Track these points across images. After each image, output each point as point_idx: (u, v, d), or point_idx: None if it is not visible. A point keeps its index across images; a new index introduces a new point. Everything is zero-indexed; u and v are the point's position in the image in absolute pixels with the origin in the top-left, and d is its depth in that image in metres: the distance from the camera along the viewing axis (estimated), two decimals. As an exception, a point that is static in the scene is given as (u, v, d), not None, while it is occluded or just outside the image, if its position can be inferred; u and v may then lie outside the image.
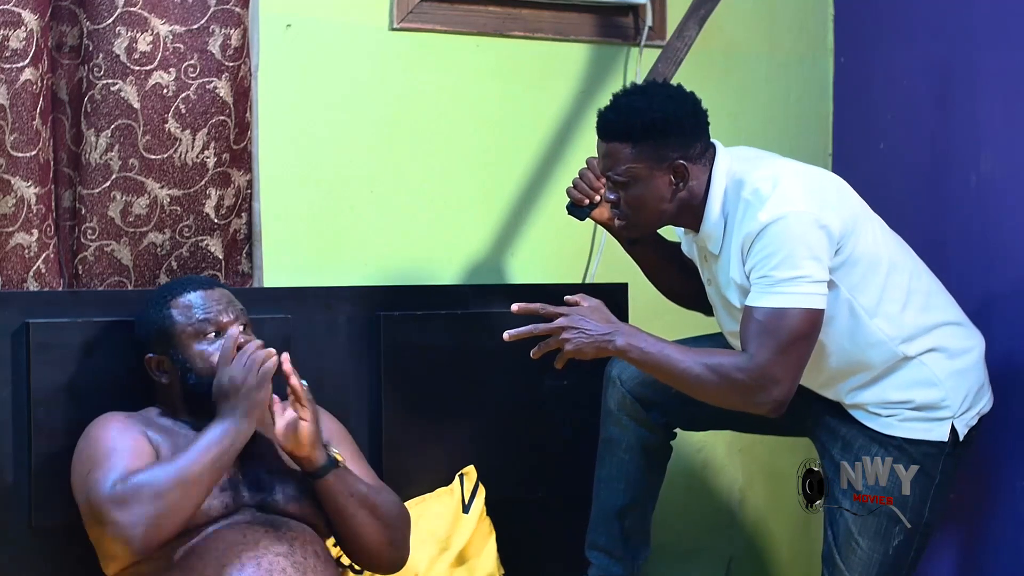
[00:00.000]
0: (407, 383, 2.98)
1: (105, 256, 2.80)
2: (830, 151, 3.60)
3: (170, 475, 2.33)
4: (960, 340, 2.69)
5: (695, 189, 2.60)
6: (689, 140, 2.59)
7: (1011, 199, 3.02)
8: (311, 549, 2.46)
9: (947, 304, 2.74)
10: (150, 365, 2.58)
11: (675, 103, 2.62)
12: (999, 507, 3.03)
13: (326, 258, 3.07)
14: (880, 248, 2.62)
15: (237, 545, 2.39)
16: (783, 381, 2.49)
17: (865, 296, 2.59)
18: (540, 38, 3.26)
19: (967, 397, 2.65)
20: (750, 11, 3.49)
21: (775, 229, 2.48)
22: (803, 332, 2.48)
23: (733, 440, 3.46)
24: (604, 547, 2.87)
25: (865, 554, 2.66)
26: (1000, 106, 3.05)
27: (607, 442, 2.86)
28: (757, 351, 2.48)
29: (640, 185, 2.58)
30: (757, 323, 2.49)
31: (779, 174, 2.56)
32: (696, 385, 2.53)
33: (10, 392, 2.64)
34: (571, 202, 2.81)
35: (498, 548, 2.97)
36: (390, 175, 3.13)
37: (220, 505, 2.44)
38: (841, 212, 2.55)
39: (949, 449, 2.64)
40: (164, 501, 2.30)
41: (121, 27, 2.74)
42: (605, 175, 2.63)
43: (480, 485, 2.97)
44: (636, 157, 2.56)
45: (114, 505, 2.30)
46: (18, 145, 2.65)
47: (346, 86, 3.09)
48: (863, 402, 2.65)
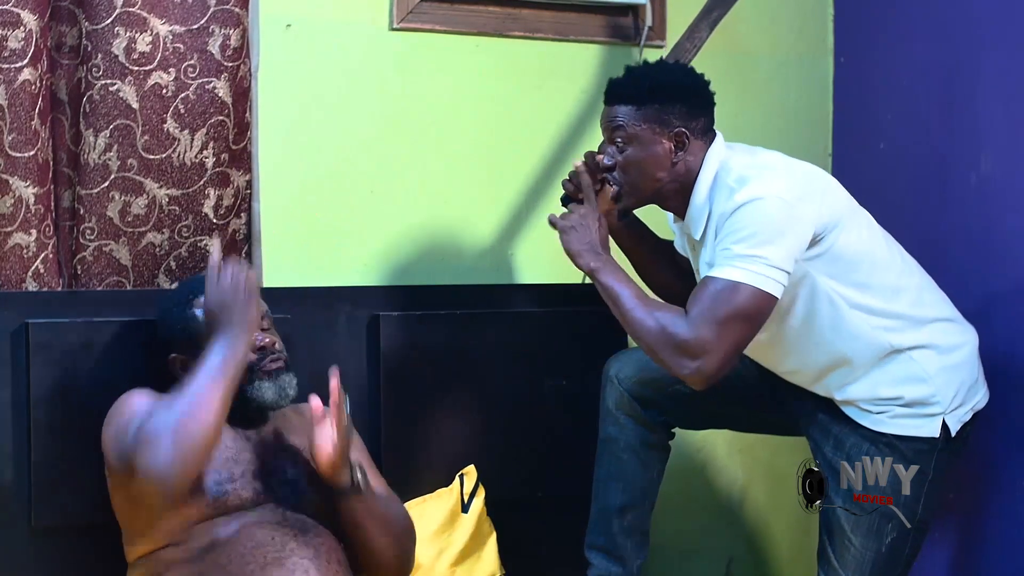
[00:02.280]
0: (407, 383, 2.98)
1: (104, 256, 2.80)
2: (830, 151, 3.60)
3: (178, 405, 2.31)
4: (951, 336, 2.69)
5: (691, 164, 2.61)
6: (693, 112, 2.61)
7: (1011, 199, 3.02)
8: (335, 557, 2.46)
9: (938, 301, 2.73)
10: (175, 365, 2.56)
11: (685, 74, 2.67)
12: (999, 507, 3.03)
13: (326, 258, 3.07)
14: (867, 245, 2.62)
15: (264, 546, 2.40)
16: (713, 353, 2.45)
17: (846, 288, 2.59)
18: (540, 38, 3.27)
19: (958, 393, 2.65)
20: (750, 11, 3.48)
21: (747, 208, 2.48)
22: (748, 311, 2.45)
23: (733, 440, 3.46)
24: (603, 547, 2.87)
25: (859, 552, 2.66)
26: (1000, 106, 3.05)
27: (605, 442, 2.86)
28: (697, 316, 2.46)
29: (640, 147, 2.59)
30: (706, 291, 2.48)
31: (766, 164, 2.58)
32: (636, 328, 2.54)
33: (10, 392, 2.64)
34: (565, 194, 2.81)
35: (498, 548, 2.97)
36: (390, 175, 3.13)
37: (252, 494, 2.45)
38: (822, 206, 2.54)
39: (941, 445, 2.63)
40: (179, 434, 2.27)
41: (120, 27, 2.74)
42: (606, 138, 2.64)
43: (480, 485, 2.97)
44: (639, 118, 2.58)
45: (139, 449, 2.29)
46: (16, 145, 2.65)
47: (346, 86, 3.09)
48: (854, 398, 2.65)
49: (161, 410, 2.34)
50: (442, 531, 2.88)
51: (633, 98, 2.59)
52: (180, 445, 2.26)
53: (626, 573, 2.87)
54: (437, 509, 2.91)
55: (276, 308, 2.87)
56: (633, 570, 2.88)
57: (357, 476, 2.48)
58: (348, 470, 2.48)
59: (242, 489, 2.45)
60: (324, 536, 2.47)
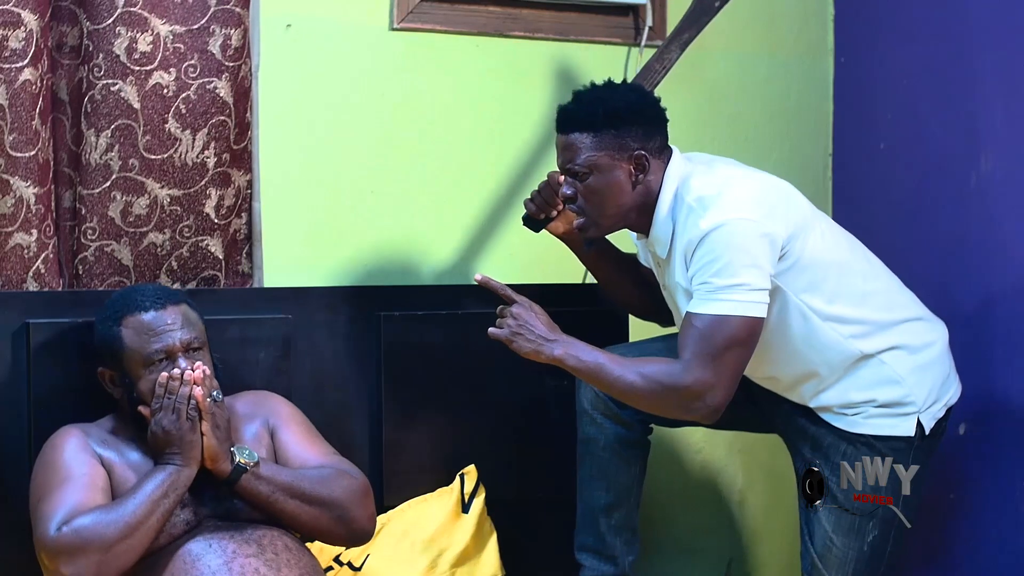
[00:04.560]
0: (407, 383, 2.98)
1: (105, 256, 2.80)
2: (830, 151, 3.60)
3: (116, 524, 2.32)
4: (921, 335, 2.69)
5: (652, 185, 2.61)
6: (649, 132, 2.60)
7: (1011, 199, 3.03)
8: (280, 544, 2.45)
9: (906, 301, 2.74)
10: (103, 378, 2.56)
11: (637, 95, 2.65)
12: (999, 507, 3.03)
13: (326, 258, 3.07)
14: (830, 252, 2.63)
15: (205, 555, 2.39)
16: (717, 388, 2.50)
17: (815, 299, 2.60)
18: (540, 38, 3.27)
19: (932, 391, 2.66)
20: (750, 11, 3.49)
21: (716, 236, 2.49)
22: (740, 339, 2.49)
23: (733, 440, 3.46)
24: (592, 548, 2.88)
25: (841, 552, 2.67)
26: (1000, 106, 3.05)
27: (584, 442, 2.87)
28: (692, 358, 2.49)
29: (600, 176, 2.58)
30: (695, 330, 2.50)
31: (725, 181, 2.58)
32: (632, 394, 2.56)
33: (10, 392, 2.63)
34: (527, 214, 2.81)
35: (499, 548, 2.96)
36: (390, 175, 3.13)
37: (182, 523, 2.44)
38: (786, 219, 2.56)
39: (917, 442, 2.65)
40: (109, 552, 2.31)
41: (121, 27, 2.73)
42: (564, 169, 2.62)
43: (481, 485, 2.97)
44: (597, 146, 2.57)
45: (58, 554, 2.31)
46: (17, 145, 2.65)
47: (346, 86, 3.09)
48: (827, 404, 2.67)
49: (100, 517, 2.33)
50: (443, 531, 2.88)
51: (589, 125, 2.57)
52: (107, 565, 2.31)
53: (618, 572, 2.88)
54: (438, 509, 2.91)
55: (276, 308, 2.88)
56: (625, 567, 2.88)
57: (238, 459, 2.45)
58: (227, 457, 2.44)
59: (172, 528, 2.43)
60: (262, 528, 2.46)
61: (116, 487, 2.44)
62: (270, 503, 2.47)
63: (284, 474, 2.51)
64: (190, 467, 2.41)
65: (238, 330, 2.80)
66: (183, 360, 2.47)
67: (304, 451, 2.60)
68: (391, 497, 2.93)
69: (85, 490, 2.40)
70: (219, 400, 2.46)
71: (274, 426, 2.63)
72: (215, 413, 2.44)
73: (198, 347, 2.52)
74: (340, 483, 2.53)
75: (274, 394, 2.72)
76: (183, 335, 2.50)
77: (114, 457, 2.48)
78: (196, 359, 2.49)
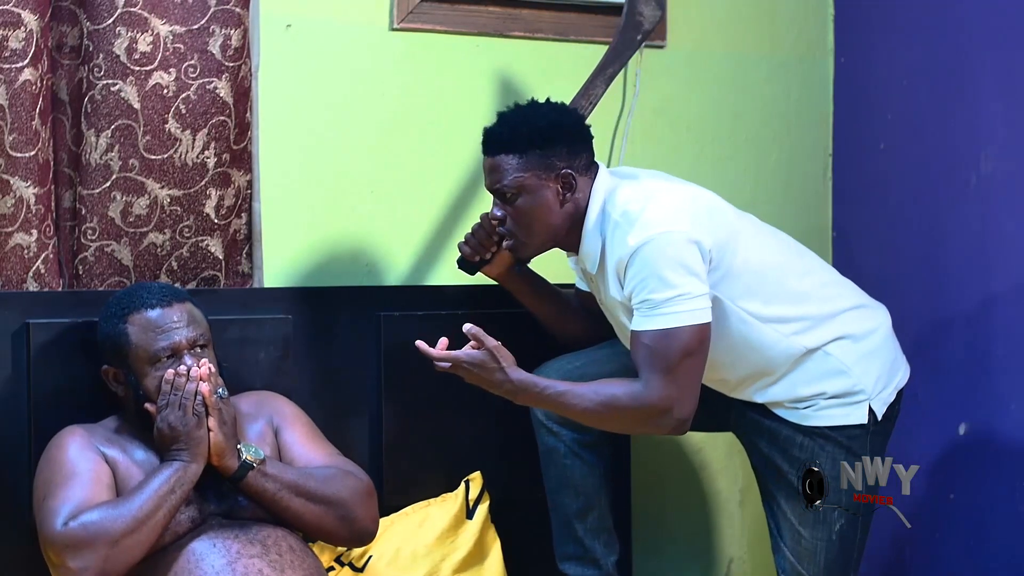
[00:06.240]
0: (407, 383, 2.98)
1: (105, 256, 2.80)
2: (830, 151, 3.60)
3: (123, 518, 2.33)
4: (863, 322, 2.71)
5: (579, 202, 2.63)
6: (575, 150, 2.62)
7: (1011, 199, 3.03)
8: (285, 544, 2.45)
9: (844, 291, 2.76)
10: (107, 376, 2.56)
11: (560, 113, 2.67)
12: (999, 507, 3.03)
13: (326, 258, 3.07)
14: (761, 256, 2.65)
15: (209, 555, 2.39)
16: (683, 399, 2.52)
17: (753, 304, 2.62)
18: (540, 38, 3.27)
19: (880, 377, 2.68)
20: (750, 11, 3.49)
21: (645, 252, 2.51)
22: (692, 348, 2.51)
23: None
24: (574, 555, 2.89)
25: (810, 543, 2.69)
26: (1000, 106, 3.05)
27: (546, 453, 2.88)
28: (650, 376, 2.51)
29: (528, 196, 2.60)
30: (646, 347, 2.52)
31: (649, 194, 2.59)
32: (598, 421, 2.60)
33: (10, 392, 2.63)
34: (461, 257, 2.82)
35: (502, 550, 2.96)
36: (390, 175, 3.13)
37: (187, 520, 2.44)
38: (712, 228, 2.57)
39: (872, 428, 2.67)
40: (116, 547, 2.32)
41: (121, 27, 2.74)
42: (492, 190, 2.64)
43: (485, 492, 2.96)
44: (524, 166, 2.59)
45: (65, 548, 2.31)
46: (17, 145, 2.65)
47: (346, 86, 3.09)
48: (778, 399, 2.69)
49: (107, 512, 2.34)
50: (445, 537, 2.87)
51: (514, 146, 2.59)
52: (113, 560, 2.32)
53: (603, 574, 2.88)
54: (441, 514, 2.90)
55: (276, 308, 2.88)
56: (609, 569, 2.89)
57: (244, 456, 2.46)
58: (234, 453, 2.45)
59: (177, 526, 2.43)
60: (267, 528, 2.47)
61: (121, 485, 2.45)
62: (275, 501, 2.47)
63: (290, 472, 2.52)
64: (197, 463, 2.41)
65: (238, 330, 2.80)
66: (189, 357, 2.49)
67: (308, 451, 2.61)
68: (391, 497, 2.92)
69: (91, 486, 2.40)
70: (225, 397, 2.47)
71: (278, 426, 2.63)
72: (221, 409, 2.45)
73: (203, 345, 2.54)
74: (345, 483, 2.54)
75: (277, 394, 2.73)
76: (189, 333, 2.51)
77: (118, 455, 2.49)
78: (202, 357, 2.50)
